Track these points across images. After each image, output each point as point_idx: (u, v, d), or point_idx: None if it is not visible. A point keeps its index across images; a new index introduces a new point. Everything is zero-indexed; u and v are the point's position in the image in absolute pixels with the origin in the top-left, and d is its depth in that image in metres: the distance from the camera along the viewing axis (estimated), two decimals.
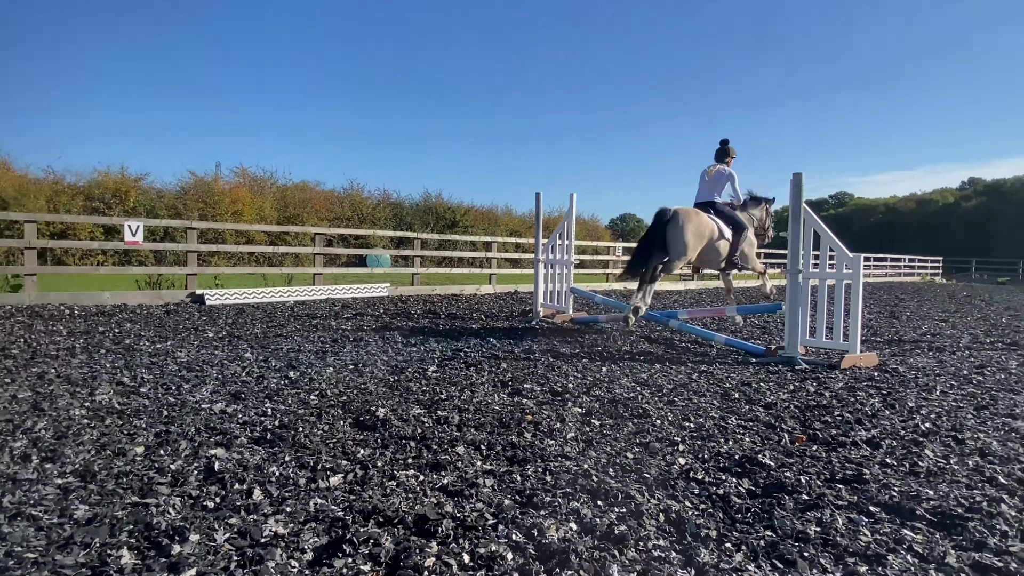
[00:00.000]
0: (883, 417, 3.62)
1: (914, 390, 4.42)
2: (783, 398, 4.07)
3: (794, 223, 5.76)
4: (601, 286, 15.46)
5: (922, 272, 31.83)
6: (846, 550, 1.98)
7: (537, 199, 8.54)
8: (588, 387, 4.20)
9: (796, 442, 3.12)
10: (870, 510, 2.29)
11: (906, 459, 2.86)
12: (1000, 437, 3.27)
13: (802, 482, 2.52)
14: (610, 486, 2.42)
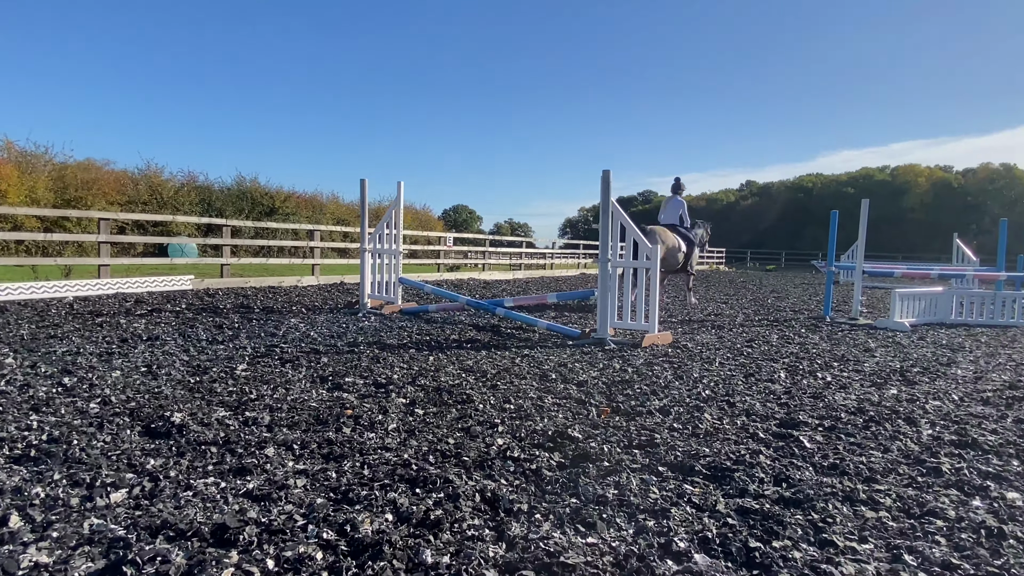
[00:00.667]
0: (673, 388, 4.09)
1: (699, 363, 5.06)
2: (593, 376, 4.42)
3: (604, 216, 6.25)
4: (432, 276, 15.49)
5: (710, 261, 36.55)
6: (638, 508, 2.20)
7: (362, 186, 8.27)
8: (414, 377, 4.18)
9: (602, 415, 3.39)
10: (659, 470, 2.57)
11: (690, 423, 3.26)
12: (761, 399, 3.87)
13: (605, 451, 2.76)
14: (429, 473, 2.43)
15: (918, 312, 8.48)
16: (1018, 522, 2.18)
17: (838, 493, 2.38)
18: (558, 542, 1.90)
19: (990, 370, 5.15)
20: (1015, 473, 2.67)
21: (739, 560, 1.87)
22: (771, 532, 2.03)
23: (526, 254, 24.62)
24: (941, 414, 3.63)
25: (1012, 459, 2.86)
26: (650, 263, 6.15)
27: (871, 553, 1.93)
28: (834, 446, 2.94)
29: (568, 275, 20.94)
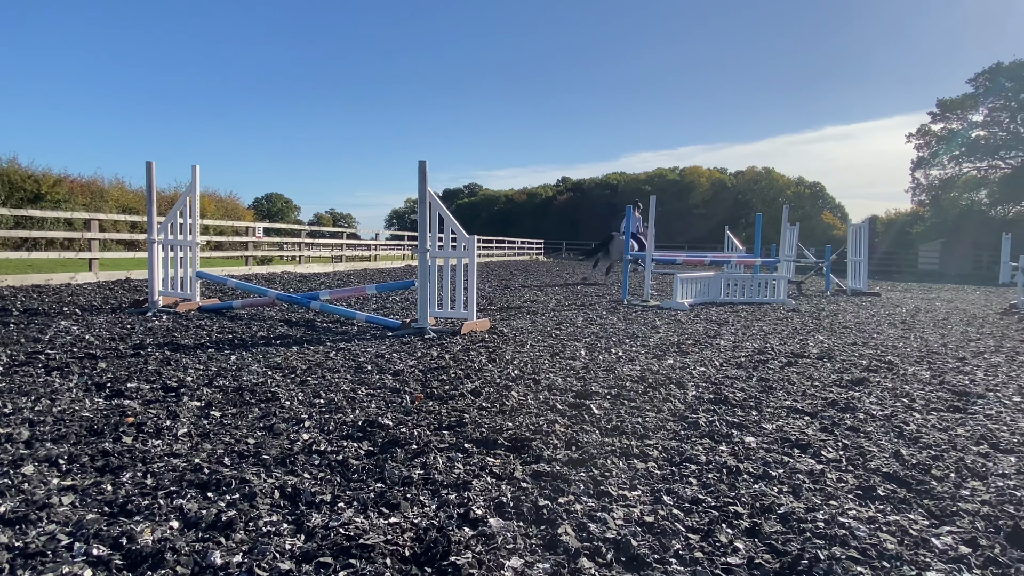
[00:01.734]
0: (486, 370, 4.30)
1: (512, 346, 5.36)
2: (410, 364, 4.47)
3: (421, 207, 6.30)
4: (240, 270, 14.31)
5: (531, 252, 38.53)
6: (442, 484, 2.30)
7: (148, 169, 7.37)
8: (211, 378, 3.87)
9: (415, 401, 3.46)
10: (465, 447, 2.71)
11: (498, 401, 3.46)
12: (563, 375, 4.22)
13: (414, 435, 2.83)
14: (223, 475, 2.30)
15: (695, 293, 9.81)
16: (751, 460, 2.66)
17: (617, 451, 2.71)
18: (359, 526, 1.93)
19: (744, 340, 6.16)
20: (753, 421, 3.25)
21: (529, 518, 2.05)
22: (558, 490, 2.26)
23: (349, 245, 23.80)
24: (704, 378, 4.28)
25: (752, 410, 3.48)
26: (467, 253, 6.35)
27: (638, 498, 2.24)
28: (617, 411, 3.33)
29: (394, 267, 20.68)
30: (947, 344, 6.24)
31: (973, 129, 38.80)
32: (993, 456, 2.81)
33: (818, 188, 61.99)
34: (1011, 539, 2.00)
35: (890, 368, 4.85)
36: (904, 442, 2.98)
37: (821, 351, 5.56)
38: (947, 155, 39.27)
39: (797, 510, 2.14)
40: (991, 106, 37.72)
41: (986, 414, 3.53)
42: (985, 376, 4.63)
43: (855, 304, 11.07)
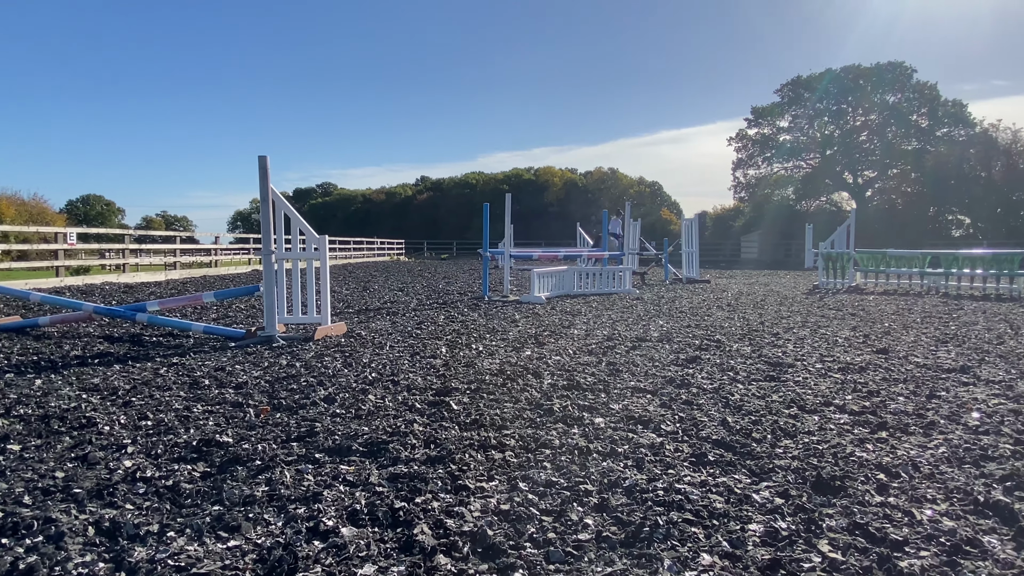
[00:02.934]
0: (341, 375, 4.12)
1: (370, 348, 5.20)
2: (255, 376, 4.15)
3: (264, 206, 5.88)
4: (49, 282, 12.43)
5: (391, 252, 37.78)
6: (289, 499, 2.16)
7: None
8: (8, 407, 3.31)
9: (261, 414, 3.22)
10: (316, 457, 2.57)
11: (353, 406, 3.33)
12: (423, 374, 4.17)
13: (259, 450, 2.63)
14: (22, 516, 1.96)
15: (551, 287, 10.22)
16: (600, 440, 2.81)
17: (475, 444, 2.72)
18: (192, 554, 1.74)
19: (595, 328, 6.52)
20: (602, 403, 3.44)
21: (385, 522, 1.99)
22: (415, 490, 2.22)
23: (185, 251, 21.69)
24: (559, 366, 4.46)
25: (601, 393, 3.68)
26: (318, 254, 6.05)
27: (496, 488, 2.27)
28: (476, 405, 3.36)
29: (238, 272, 19.17)
30: (764, 322, 7.08)
31: (781, 134, 44.48)
32: (801, 416, 3.22)
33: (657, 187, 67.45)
34: (815, 487, 2.30)
35: (718, 346, 5.39)
36: (730, 411, 3.31)
37: (661, 334, 6.04)
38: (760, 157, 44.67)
39: (640, 482, 2.30)
40: (794, 114, 43.47)
41: (795, 381, 4.05)
42: (794, 348, 5.31)
43: (689, 291, 12.19)
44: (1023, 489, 2.28)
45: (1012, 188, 30.43)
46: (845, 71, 40.06)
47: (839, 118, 41.26)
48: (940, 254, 12.55)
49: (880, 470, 2.45)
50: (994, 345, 5.50)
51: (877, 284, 12.81)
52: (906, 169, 37.86)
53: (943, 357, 4.90)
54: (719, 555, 1.78)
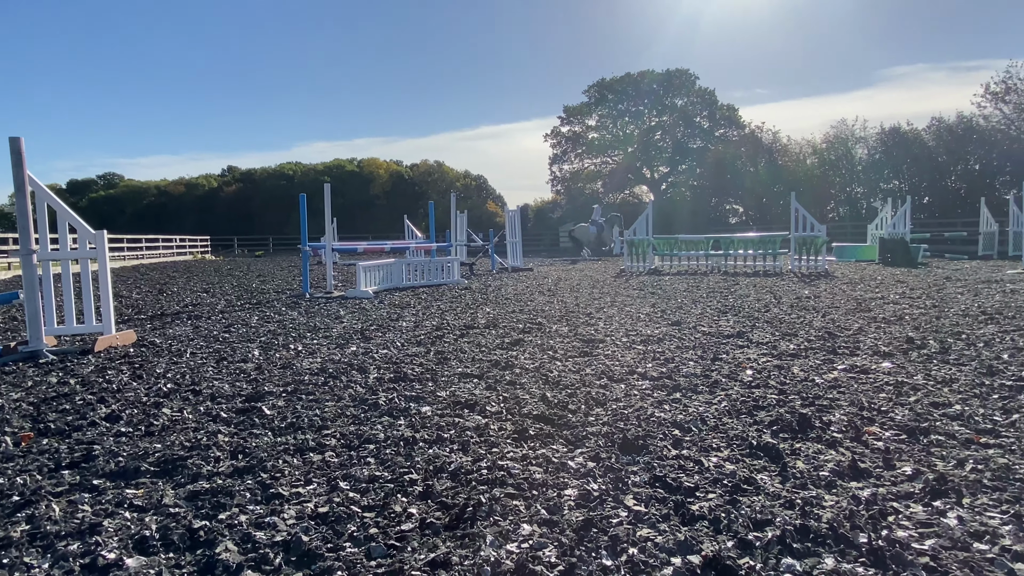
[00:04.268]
0: (129, 390, 3.60)
1: (166, 357, 4.62)
2: (15, 398, 3.46)
3: (20, 197, 4.92)
4: None
5: (193, 251, 34.07)
6: (59, 535, 1.82)
7: None
8: None
9: (22, 442, 2.69)
10: (94, 484, 2.20)
11: (143, 423, 2.92)
12: (231, 381, 3.80)
13: (17, 484, 2.18)
14: None
15: (379, 280, 9.96)
16: (427, 428, 2.78)
17: (291, 448, 2.53)
18: None
19: (425, 319, 6.48)
20: (429, 392, 3.41)
21: (182, 546, 1.76)
22: (219, 506, 2.00)
23: None
24: (387, 359, 4.35)
25: (429, 382, 3.65)
26: (95, 253, 5.21)
27: (313, 492, 2.13)
28: (293, 407, 3.14)
29: None
30: (579, 304, 7.59)
31: (590, 132, 48.07)
32: (610, 386, 3.49)
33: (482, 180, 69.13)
34: (623, 448, 2.49)
35: (540, 328, 5.66)
36: (549, 387, 3.48)
37: (488, 321, 6.19)
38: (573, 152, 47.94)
39: (465, 464, 2.31)
40: (601, 113, 47.21)
41: (605, 354, 4.39)
42: (604, 325, 5.76)
43: (514, 279, 12.69)
44: (787, 431, 2.69)
45: (773, 181, 36.13)
46: (642, 75, 44.40)
47: (637, 118, 45.63)
48: (720, 238, 14.49)
49: (675, 427, 2.74)
50: (762, 313, 6.47)
51: (672, 265, 14.44)
52: (692, 165, 43.09)
53: (724, 325, 5.64)
54: (538, 523, 1.84)
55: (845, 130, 33.56)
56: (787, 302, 7.38)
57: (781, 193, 33.34)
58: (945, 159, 27.46)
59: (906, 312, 6.23)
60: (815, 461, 2.33)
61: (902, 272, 12.23)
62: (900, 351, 4.34)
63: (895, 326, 5.40)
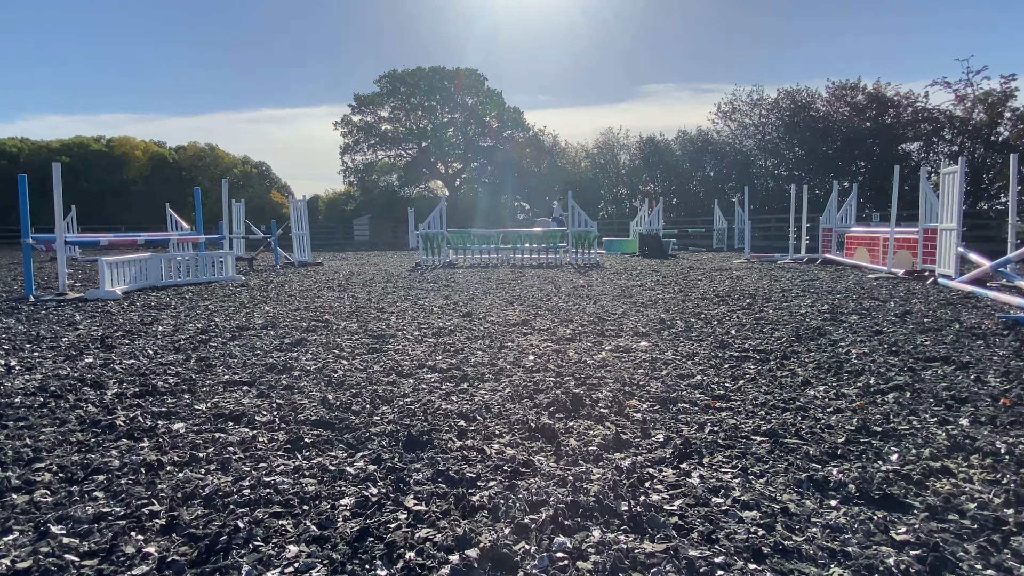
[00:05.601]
0: None
1: None
2: None
3: None
4: None
5: None
6: None
7: None
8: None
9: None
10: None
11: None
12: None
13: None
14: None
15: (130, 278, 8.55)
16: (178, 448, 2.38)
17: None
18: None
19: (187, 322, 5.69)
20: (185, 405, 2.96)
21: None
22: None
23: None
24: (132, 371, 3.69)
25: (185, 394, 3.17)
26: None
27: (13, 543, 1.67)
28: None
29: None
30: (372, 299, 7.34)
31: (382, 123, 47.14)
32: (399, 381, 3.37)
33: (265, 168, 63.78)
34: (407, 446, 2.40)
35: (326, 326, 5.32)
36: (332, 388, 3.26)
37: (266, 320, 5.65)
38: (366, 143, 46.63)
39: (224, 485, 2.02)
40: (393, 105, 46.52)
41: (396, 350, 4.26)
42: (397, 320, 5.62)
43: (301, 274, 11.88)
44: (562, 411, 2.84)
45: (555, 181, 39.13)
46: (433, 71, 44.77)
47: (430, 113, 45.97)
48: (509, 233, 15.22)
49: (461, 417, 2.73)
50: (544, 302, 6.88)
51: (466, 259, 14.80)
52: (484, 163, 44.76)
53: (511, 315, 5.88)
54: (307, 541, 1.66)
55: (612, 138, 37.62)
56: (565, 291, 7.97)
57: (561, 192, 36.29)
58: (688, 166, 32.29)
59: (659, 297, 7.12)
60: (585, 437, 2.49)
61: (657, 263, 14.07)
62: (655, 331, 4.91)
63: (651, 309, 6.12)
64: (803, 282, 8.82)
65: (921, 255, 9.85)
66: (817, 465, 2.21)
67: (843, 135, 25.41)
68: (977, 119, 22.23)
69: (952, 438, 2.43)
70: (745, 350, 4.16)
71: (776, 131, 28.33)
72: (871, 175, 24.44)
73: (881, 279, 9.15)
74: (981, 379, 3.32)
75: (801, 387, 3.26)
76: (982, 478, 2.09)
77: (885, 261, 10.40)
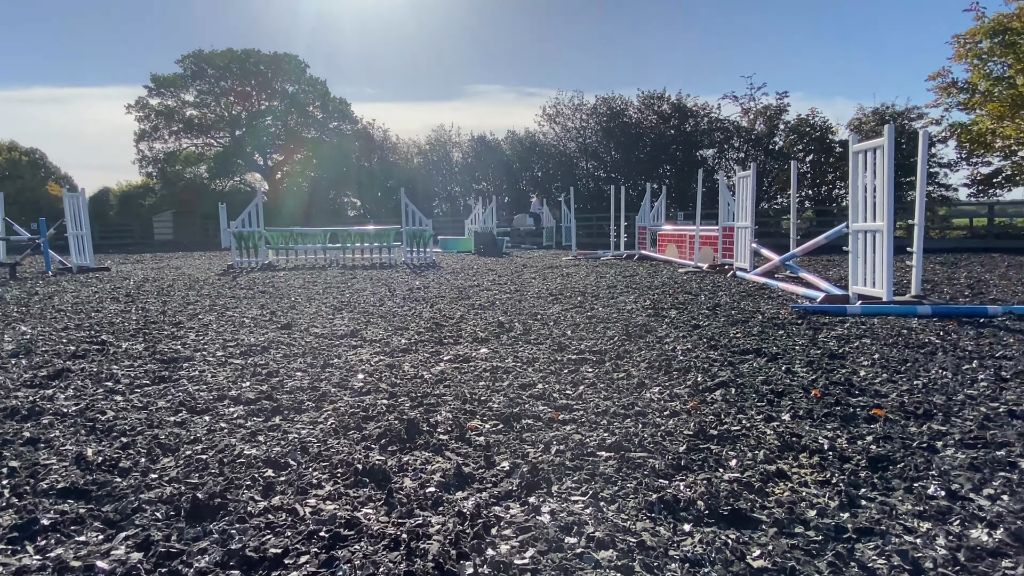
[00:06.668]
0: None
1: None
2: None
3: None
4: None
5: None
6: None
7: None
8: None
9: None
10: None
11: None
12: None
13: None
14: None
15: None
16: None
17: None
18: None
19: None
20: None
21: None
22: None
23: None
24: None
25: None
26: None
27: None
28: None
29: None
30: (167, 311, 6.27)
31: (187, 108, 42.10)
32: (189, 421, 2.75)
33: (39, 155, 53.87)
34: (191, 515, 1.87)
35: (102, 349, 4.35)
36: (95, 437, 2.55)
37: (18, 345, 4.49)
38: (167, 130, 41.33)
39: None
40: (200, 88, 41.74)
41: (190, 376, 3.55)
42: (196, 337, 4.79)
43: (79, 282, 9.97)
44: (396, 442, 2.47)
45: (387, 176, 37.97)
46: (247, 54, 41.01)
47: (245, 99, 42.09)
48: (338, 231, 14.29)
49: (269, 465, 2.24)
50: (377, 307, 6.40)
51: (288, 260, 13.60)
52: (308, 155, 42.05)
53: (338, 324, 5.33)
54: None
55: (444, 135, 37.49)
56: (400, 294, 7.54)
57: (394, 188, 35.32)
58: (518, 166, 33.25)
59: (497, 298, 7.01)
60: (422, 475, 2.15)
61: (492, 261, 14.14)
62: (494, 335, 4.72)
63: (489, 312, 5.96)
64: (625, 278, 9.31)
65: (721, 250, 10.96)
66: (664, 481, 2.10)
67: (652, 141, 27.86)
68: (759, 129, 25.66)
69: (780, 436, 2.49)
70: (582, 351, 4.12)
71: (595, 135, 30.23)
72: (676, 178, 27.11)
73: (690, 273, 10.00)
74: (791, 370, 3.57)
75: (637, 389, 3.23)
76: (814, 479, 2.12)
77: (692, 256, 11.42)
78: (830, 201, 23.73)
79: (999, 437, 2.46)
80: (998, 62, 19.81)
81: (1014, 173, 21.53)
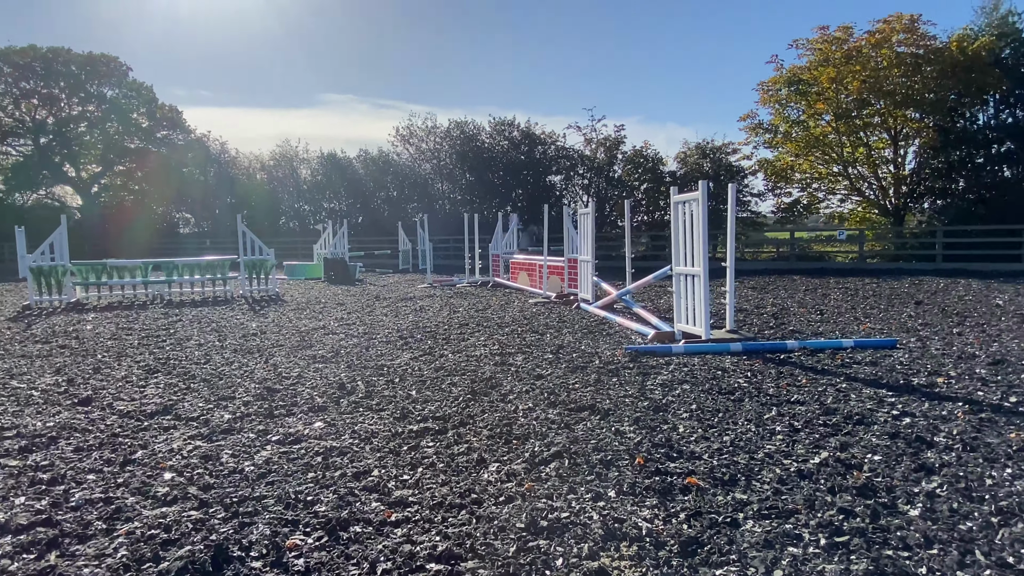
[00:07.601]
0: None
1: None
2: None
3: None
4: None
5: None
6: None
7: None
8: None
9: None
10: None
11: None
12: None
13: None
14: None
15: None
16: None
17: None
18: None
19: None
20: None
21: None
22: None
23: None
24: None
25: None
26: None
27: None
28: None
29: None
30: None
31: None
32: None
33: None
34: None
35: None
36: None
37: None
38: None
39: None
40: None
41: None
42: None
43: None
44: (202, 573, 2.19)
45: (226, 193, 35.09)
46: (54, 52, 35.97)
47: (52, 104, 36.86)
48: (161, 262, 12.86)
49: None
50: (201, 366, 5.79)
51: (100, 297, 11.97)
52: (132, 167, 37.70)
53: (150, 394, 4.73)
54: None
55: (290, 150, 35.54)
56: (232, 344, 6.92)
57: (235, 206, 32.78)
58: (372, 185, 32.45)
59: (342, 345, 6.68)
60: None
61: (343, 290, 13.56)
62: (333, 401, 4.47)
63: (332, 366, 5.65)
64: (477, 312, 9.37)
65: (567, 280, 11.48)
66: None
67: (504, 166, 28.65)
68: (600, 159, 27.44)
69: (605, 522, 2.58)
70: (425, 418, 4.02)
71: (449, 158, 30.44)
72: (527, 201, 28.08)
73: (540, 304, 10.33)
74: (620, 431, 3.75)
75: (476, 468, 3.21)
76: (632, 574, 2.21)
77: (542, 285, 11.84)
78: (663, 226, 25.99)
79: (789, 503, 2.76)
80: (794, 107, 23.07)
81: (810, 203, 25.12)
